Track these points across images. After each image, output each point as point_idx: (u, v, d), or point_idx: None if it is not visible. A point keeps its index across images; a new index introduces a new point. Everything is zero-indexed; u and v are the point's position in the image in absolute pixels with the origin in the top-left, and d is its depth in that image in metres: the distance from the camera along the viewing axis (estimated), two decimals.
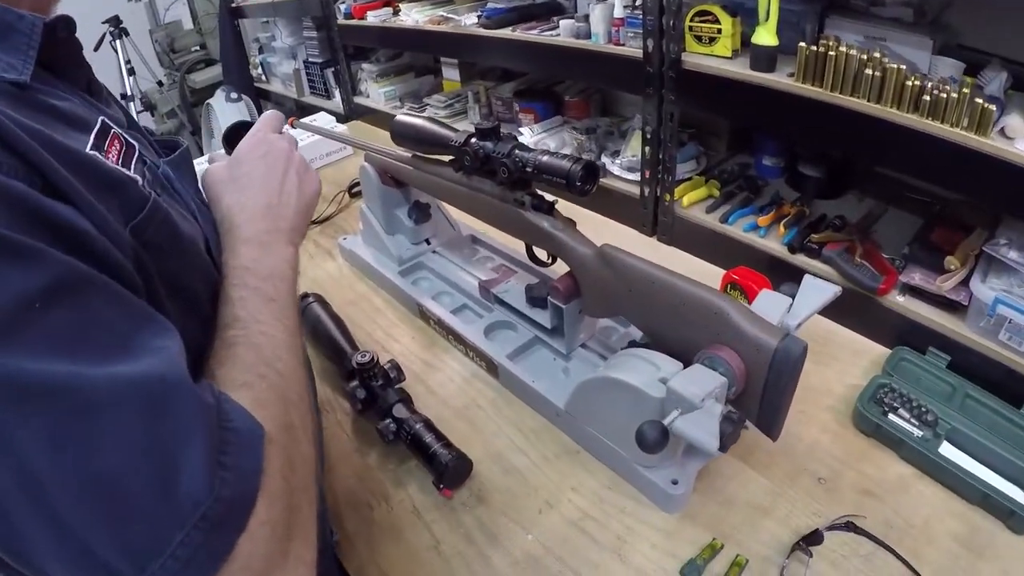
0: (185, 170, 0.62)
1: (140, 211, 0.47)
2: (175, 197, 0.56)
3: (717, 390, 0.67)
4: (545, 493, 0.82)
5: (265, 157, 0.69)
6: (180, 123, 3.06)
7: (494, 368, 0.98)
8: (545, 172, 0.81)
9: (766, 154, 1.35)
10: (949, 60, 0.96)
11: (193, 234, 0.55)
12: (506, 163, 0.85)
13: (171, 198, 0.55)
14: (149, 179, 0.51)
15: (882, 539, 0.73)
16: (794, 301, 0.76)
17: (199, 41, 3.06)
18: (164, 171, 0.56)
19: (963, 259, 1.00)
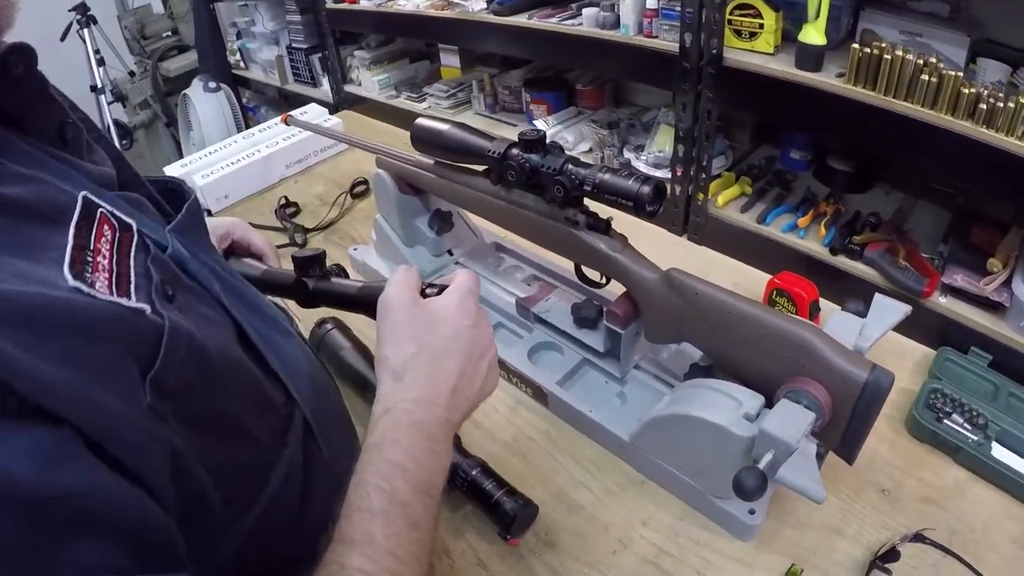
0: (196, 233, 0.50)
1: (156, 355, 0.36)
2: (193, 291, 0.45)
3: (808, 428, 0.64)
4: (616, 531, 0.78)
5: (473, 330, 0.57)
6: (154, 114, 2.91)
7: (542, 395, 0.92)
8: (608, 192, 0.75)
9: (793, 147, 1.31)
10: (994, 63, 0.93)
11: (223, 341, 0.45)
12: (561, 181, 0.78)
13: (188, 294, 0.44)
14: (158, 282, 0.40)
15: (948, 547, 0.73)
16: (865, 321, 0.74)
17: (171, 26, 2.90)
18: (174, 251, 0.45)
19: (1004, 260, 1.00)
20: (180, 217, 0.49)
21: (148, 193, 0.51)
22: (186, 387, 0.38)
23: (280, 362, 0.50)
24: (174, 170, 1.60)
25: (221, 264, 0.53)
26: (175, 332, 0.38)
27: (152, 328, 0.37)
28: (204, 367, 0.40)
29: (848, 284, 1.07)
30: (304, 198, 1.56)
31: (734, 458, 0.70)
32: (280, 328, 0.57)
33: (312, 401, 0.55)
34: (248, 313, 0.50)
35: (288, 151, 1.68)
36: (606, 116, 1.52)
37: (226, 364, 0.44)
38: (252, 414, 0.46)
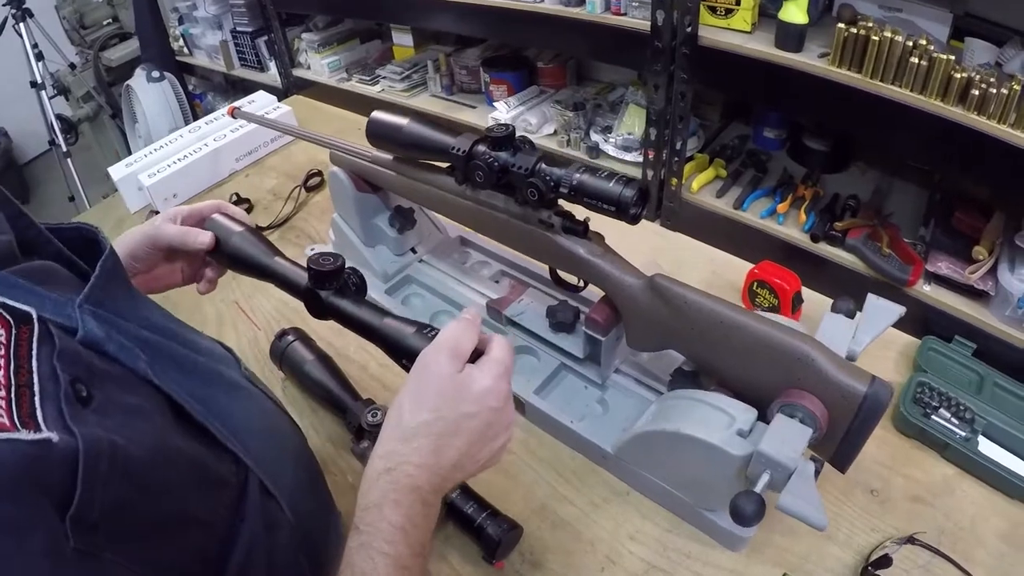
0: (115, 295, 0.44)
1: (72, 486, 0.31)
2: (113, 377, 0.38)
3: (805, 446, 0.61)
4: (603, 547, 0.75)
5: (496, 413, 0.54)
6: (98, 106, 2.75)
7: (519, 404, 0.87)
8: (587, 196, 0.69)
9: (767, 126, 1.26)
10: (981, 43, 0.89)
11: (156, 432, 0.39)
12: (535, 184, 0.72)
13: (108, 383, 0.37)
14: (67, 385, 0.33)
15: (937, 547, 0.72)
16: (858, 324, 0.71)
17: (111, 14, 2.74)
18: (87, 334, 0.38)
19: (989, 247, 0.98)
20: (92, 283, 0.41)
21: (56, 251, 0.45)
22: (115, 507, 0.33)
23: (226, 427, 0.45)
24: (118, 171, 1.50)
25: (151, 324, 0.46)
26: (92, 452, 0.32)
27: (63, 456, 0.31)
28: (133, 477, 0.35)
29: (830, 272, 1.03)
30: (256, 193, 1.48)
31: (726, 475, 0.66)
32: (224, 383, 0.51)
33: (267, 460, 0.50)
34: (184, 379, 0.44)
35: (237, 143, 1.59)
36: (570, 96, 1.46)
37: (161, 459, 0.38)
38: (199, 499, 0.41)
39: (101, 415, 0.34)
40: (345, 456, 0.86)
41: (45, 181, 3.74)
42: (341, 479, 0.84)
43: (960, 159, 0.90)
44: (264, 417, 0.56)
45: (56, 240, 0.45)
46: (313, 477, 0.61)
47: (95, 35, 2.70)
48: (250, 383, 0.58)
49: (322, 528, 0.57)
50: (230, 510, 0.44)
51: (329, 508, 0.63)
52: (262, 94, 1.77)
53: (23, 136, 3.71)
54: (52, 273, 0.42)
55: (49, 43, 2.84)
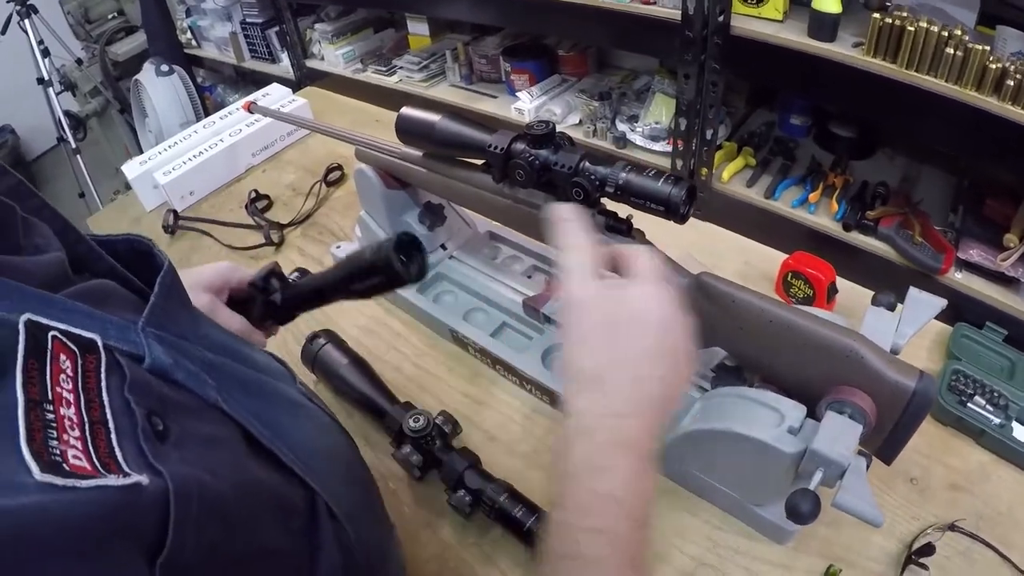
0: (176, 315, 0.41)
1: (164, 531, 0.28)
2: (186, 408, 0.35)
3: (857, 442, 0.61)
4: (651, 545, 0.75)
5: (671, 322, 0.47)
6: (105, 101, 2.74)
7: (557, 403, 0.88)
8: (635, 195, 0.68)
9: (793, 112, 1.25)
10: (1013, 31, 0.88)
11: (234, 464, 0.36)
12: (580, 183, 0.71)
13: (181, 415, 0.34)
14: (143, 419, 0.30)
15: (977, 533, 0.73)
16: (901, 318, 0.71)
17: (116, 7, 2.71)
18: (154, 361, 0.35)
19: (1020, 234, 0.98)
20: (153, 301, 0.38)
21: (109, 267, 0.42)
22: (207, 549, 0.30)
23: (291, 450, 0.42)
24: (132, 168, 1.49)
25: (212, 343, 0.43)
26: (182, 493, 0.29)
27: (153, 499, 0.28)
28: (221, 514, 0.32)
29: (863, 261, 1.03)
30: (275, 189, 1.47)
31: (777, 472, 0.66)
32: (285, 402, 0.49)
33: (330, 481, 0.47)
34: (250, 402, 0.41)
35: (253, 138, 1.58)
36: (594, 85, 1.44)
37: (241, 492, 0.35)
38: (275, 528, 0.39)
39: (181, 450, 0.32)
40: (386, 461, 0.85)
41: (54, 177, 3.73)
42: (383, 484, 0.83)
43: (993, 148, 0.90)
44: (323, 436, 0.54)
45: (107, 256, 0.42)
46: (370, 493, 0.60)
47: (101, 29, 2.67)
48: (307, 399, 0.56)
49: (382, 545, 0.56)
50: (302, 538, 0.42)
51: (385, 523, 0.61)
52: (276, 87, 1.75)
53: (31, 133, 3.70)
54: (109, 293, 0.39)
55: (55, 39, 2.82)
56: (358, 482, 0.58)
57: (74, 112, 2.66)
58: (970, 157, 1.10)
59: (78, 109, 2.75)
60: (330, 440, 0.56)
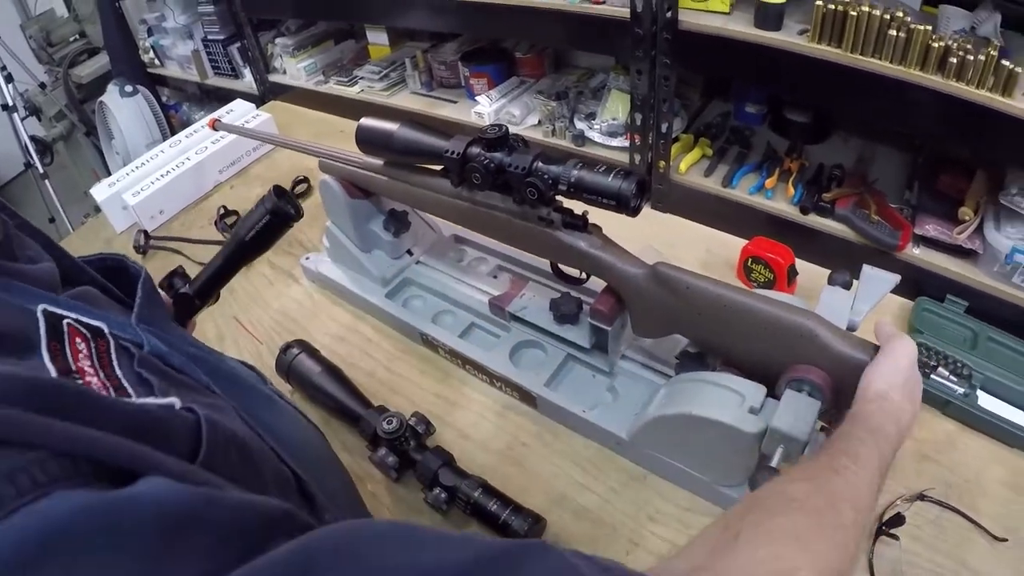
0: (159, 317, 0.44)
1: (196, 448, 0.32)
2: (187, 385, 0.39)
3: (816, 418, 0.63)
4: (625, 530, 0.77)
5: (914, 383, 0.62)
6: (71, 124, 2.70)
7: (530, 398, 0.88)
8: (587, 192, 0.70)
9: (747, 101, 1.27)
10: (956, 9, 0.90)
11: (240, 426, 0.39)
12: (533, 183, 0.73)
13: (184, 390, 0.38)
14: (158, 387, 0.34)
15: (946, 501, 0.75)
16: (856, 295, 0.73)
17: (77, 29, 2.67)
18: (152, 347, 0.38)
19: (974, 207, 1.00)
20: (139, 303, 0.42)
21: (91, 279, 0.45)
22: (231, 479, 0.33)
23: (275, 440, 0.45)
24: (101, 191, 1.49)
25: (195, 343, 0.47)
26: (209, 420, 0.33)
27: (186, 423, 0.32)
28: (243, 453, 0.36)
29: (822, 243, 1.05)
30: (243, 204, 1.47)
31: (741, 452, 0.69)
32: (262, 398, 0.52)
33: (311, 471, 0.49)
34: (235, 391, 0.45)
35: (220, 155, 1.58)
36: (551, 85, 1.46)
37: (254, 445, 0.39)
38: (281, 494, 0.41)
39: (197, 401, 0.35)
40: (363, 464, 0.87)
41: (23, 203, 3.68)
42: (361, 487, 0.84)
43: (942, 124, 0.92)
44: (297, 428, 0.57)
45: (88, 268, 0.46)
46: (348, 486, 0.63)
47: (63, 52, 2.64)
48: (279, 397, 0.59)
49: None
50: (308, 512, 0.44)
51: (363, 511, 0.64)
52: (240, 102, 1.75)
53: None
54: (96, 298, 0.42)
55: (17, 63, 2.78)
56: (334, 472, 0.60)
57: (40, 137, 2.62)
58: (921, 135, 1.13)
59: (44, 134, 2.71)
60: (304, 434, 0.59)
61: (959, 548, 0.71)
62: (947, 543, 0.72)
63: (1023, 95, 0.83)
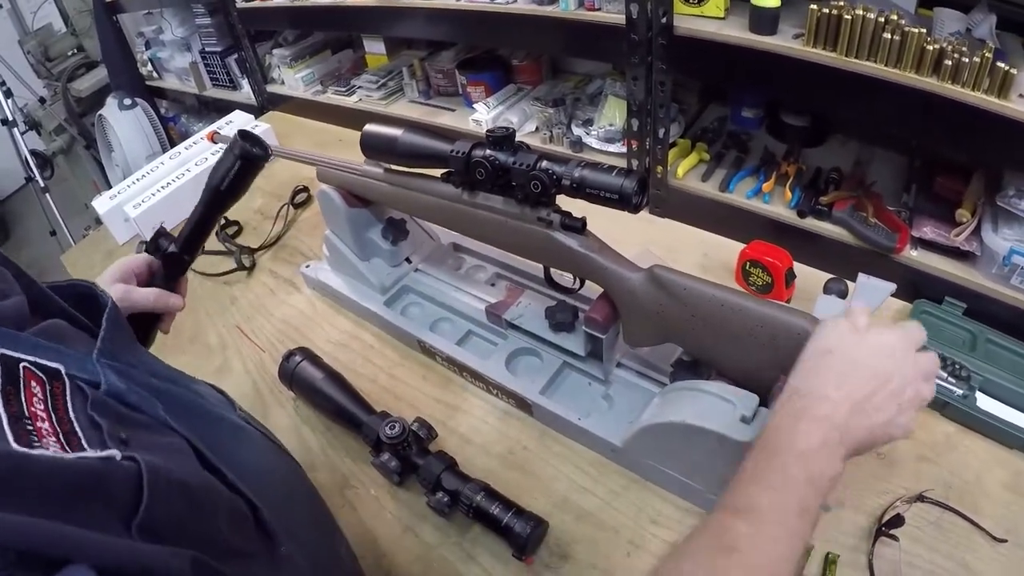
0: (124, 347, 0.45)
1: (139, 500, 0.32)
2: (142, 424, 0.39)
3: None
4: (627, 532, 0.77)
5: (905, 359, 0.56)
6: (71, 138, 2.72)
7: (526, 406, 0.89)
8: (591, 188, 0.71)
9: (744, 105, 1.28)
10: (950, 11, 0.90)
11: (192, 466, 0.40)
12: (539, 177, 0.73)
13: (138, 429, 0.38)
14: (108, 429, 0.35)
15: (946, 503, 0.75)
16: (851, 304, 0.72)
17: (75, 44, 2.69)
18: (110, 386, 0.39)
19: (971, 209, 1.00)
20: (103, 335, 0.43)
21: (60, 308, 0.46)
22: (177, 523, 0.34)
23: (233, 470, 0.46)
24: (103, 204, 1.50)
25: (158, 372, 0.48)
26: (152, 468, 0.33)
27: (127, 473, 0.33)
28: (189, 498, 0.36)
29: (820, 246, 1.05)
30: (244, 215, 1.48)
31: (733, 461, 0.67)
32: (227, 425, 0.53)
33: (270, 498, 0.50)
34: (195, 423, 0.45)
35: None
36: (548, 92, 1.46)
37: (203, 488, 0.39)
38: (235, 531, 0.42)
39: (145, 451, 0.35)
40: (366, 469, 0.87)
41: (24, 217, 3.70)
42: (364, 492, 0.86)
43: (938, 127, 0.92)
44: (263, 457, 0.58)
45: (57, 297, 0.46)
46: (313, 509, 0.62)
47: (61, 66, 2.66)
48: (247, 423, 0.59)
49: (327, 555, 0.58)
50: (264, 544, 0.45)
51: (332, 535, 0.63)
52: (239, 113, 1.76)
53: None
54: (63, 331, 0.43)
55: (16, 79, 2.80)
56: (300, 499, 0.60)
57: (40, 151, 2.64)
58: (917, 138, 1.13)
59: (44, 148, 2.73)
60: (270, 461, 0.60)
61: (959, 549, 0.71)
62: (947, 544, 0.72)
63: (1018, 97, 0.83)
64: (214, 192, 0.81)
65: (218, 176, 0.81)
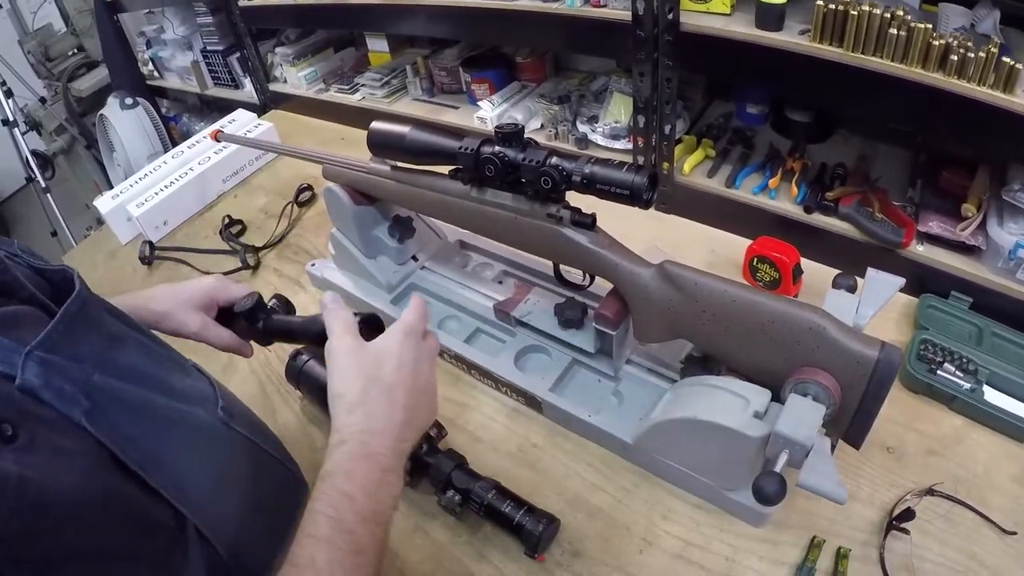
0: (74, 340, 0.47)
1: None
2: (47, 421, 0.42)
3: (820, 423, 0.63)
4: (638, 529, 0.77)
5: (415, 363, 0.61)
6: (72, 138, 2.71)
7: (536, 403, 0.89)
8: (601, 184, 0.71)
9: (749, 102, 1.28)
10: (954, 7, 0.91)
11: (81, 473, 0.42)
12: (549, 173, 0.73)
13: (39, 425, 0.40)
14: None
15: (956, 496, 0.75)
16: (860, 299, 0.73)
17: (75, 43, 2.69)
18: (24, 381, 0.41)
19: (977, 203, 1.01)
20: (48, 330, 0.45)
21: (30, 295, 0.47)
22: (21, 533, 0.36)
23: (164, 474, 0.48)
24: (105, 203, 1.50)
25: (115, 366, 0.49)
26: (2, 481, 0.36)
27: None
28: (42, 510, 0.38)
29: (826, 241, 1.05)
30: (247, 213, 1.48)
31: (745, 457, 0.69)
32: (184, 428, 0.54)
33: (209, 507, 0.52)
34: (131, 425, 0.47)
35: (222, 165, 1.59)
36: (553, 88, 1.46)
37: (84, 497, 0.41)
38: (131, 537, 0.44)
39: (22, 453, 0.38)
40: None
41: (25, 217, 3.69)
42: None
43: (944, 122, 0.92)
44: (225, 463, 0.59)
45: (30, 285, 0.48)
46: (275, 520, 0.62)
47: (62, 66, 2.65)
48: (225, 424, 0.60)
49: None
50: (166, 552, 0.47)
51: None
52: (242, 112, 1.76)
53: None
54: (21, 318, 0.45)
55: (16, 78, 2.79)
56: (260, 509, 0.61)
57: (41, 151, 2.64)
58: (923, 132, 1.13)
59: (44, 148, 2.73)
60: (237, 466, 0.60)
61: (969, 542, 0.72)
62: (957, 537, 0.72)
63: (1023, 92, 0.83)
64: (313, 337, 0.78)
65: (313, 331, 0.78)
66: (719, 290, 0.69)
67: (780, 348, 0.67)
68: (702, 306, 0.71)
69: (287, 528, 0.59)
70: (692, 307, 0.72)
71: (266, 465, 0.65)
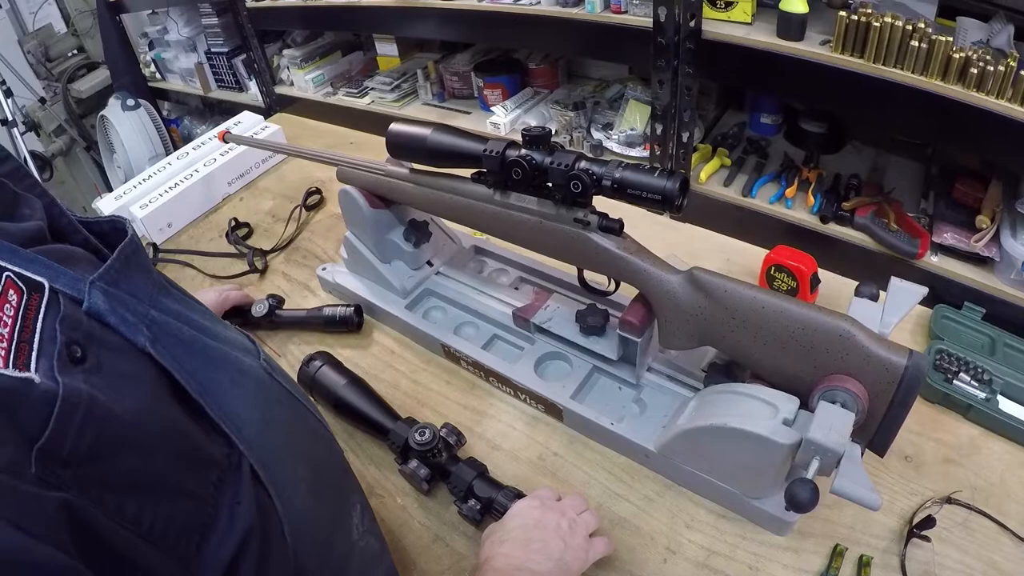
0: (132, 278, 0.47)
1: (46, 422, 0.34)
2: (112, 346, 0.42)
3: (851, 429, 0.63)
4: (662, 538, 0.77)
5: (539, 510, 0.70)
6: (71, 139, 2.69)
7: (556, 411, 0.88)
8: (632, 188, 0.70)
9: (763, 112, 1.28)
10: (972, 21, 0.92)
11: (144, 398, 0.42)
12: (580, 177, 0.73)
13: (106, 350, 0.41)
14: (62, 344, 0.37)
15: (973, 504, 0.76)
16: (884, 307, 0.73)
17: (76, 44, 2.67)
18: (91, 305, 0.41)
19: (990, 215, 1.02)
20: (108, 265, 0.45)
21: (83, 239, 0.49)
22: (88, 455, 0.36)
23: (222, 408, 0.48)
24: (108, 204, 1.48)
25: (166, 307, 0.49)
26: (69, 399, 0.36)
27: (42, 396, 0.35)
28: (109, 432, 0.38)
29: (842, 251, 1.06)
30: (254, 216, 1.47)
31: (774, 464, 0.68)
32: (233, 368, 0.53)
33: (262, 448, 0.51)
34: (187, 358, 0.47)
35: (228, 167, 1.57)
36: (567, 95, 1.46)
37: (146, 422, 0.41)
38: (186, 471, 0.44)
39: (90, 374, 0.38)
40: (392, 478, 0.86)
41: None
42: (390, 500, 0.84)
43: (961, 134, 0.93)
44: (270, 407, 0.57)
45: (84, 230, 0.49)
46: (320, 477, 0.62)
47: (62, 67, 2.64)
48: (267, 374, 0.59)
49: (323, 529, 0.58)
50: (219, 489, 0.46)
51: (335, 512, 0.63)
52: (248, 114, 1.75)
53: None
54: (74, 256, 0.45)
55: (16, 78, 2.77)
56: (302, 459, 0.60)
57: (39, 152, 2.61)
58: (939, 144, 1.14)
59: (43, 149, 2.70)
60: (280, 413, 0.59)
61: (987, 550, 0.72)
62: (975, 545, 0.72)
63: None
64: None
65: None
66: (748, 297, 0.69)
67: (809, 355, 0.67)
68: (731, 313, 0.70)
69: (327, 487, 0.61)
70: (721, 314, 0.71)
71: (306, 420, 0.64)
